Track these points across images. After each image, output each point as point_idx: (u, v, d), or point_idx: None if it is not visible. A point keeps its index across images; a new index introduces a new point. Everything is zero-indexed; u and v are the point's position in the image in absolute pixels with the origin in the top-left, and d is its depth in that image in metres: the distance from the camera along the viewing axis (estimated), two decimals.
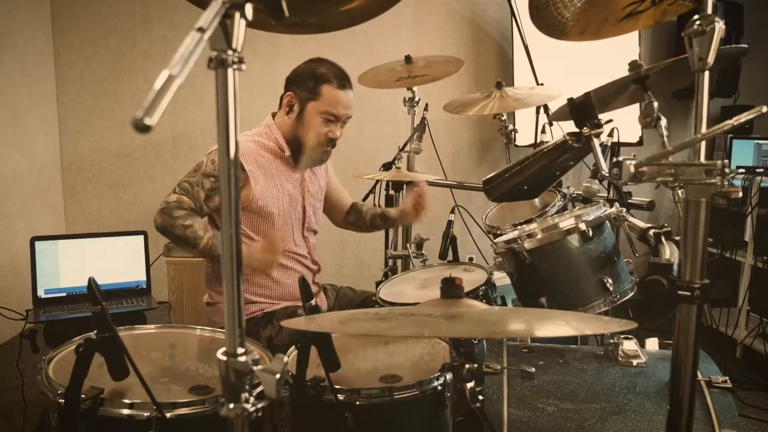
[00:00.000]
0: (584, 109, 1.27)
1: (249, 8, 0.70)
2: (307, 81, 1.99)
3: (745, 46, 1.51)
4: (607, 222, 1.57)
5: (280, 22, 0.80)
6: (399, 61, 2.60)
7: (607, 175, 1.01)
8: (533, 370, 1.38)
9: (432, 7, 4.06)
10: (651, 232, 1.30)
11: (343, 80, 1.99)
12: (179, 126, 3.91)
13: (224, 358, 0.76)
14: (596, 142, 1.27)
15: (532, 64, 2.94)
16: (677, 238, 1.20)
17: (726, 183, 0.89)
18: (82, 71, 3.82)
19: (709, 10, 0.94)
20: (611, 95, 1.59)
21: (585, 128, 1.27)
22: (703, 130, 0.95)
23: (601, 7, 1.28)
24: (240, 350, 0.76)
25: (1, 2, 3.27)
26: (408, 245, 2.49)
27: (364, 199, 2.70)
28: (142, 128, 0.57)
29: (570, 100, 1.30)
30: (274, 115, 2.09)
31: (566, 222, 1.55)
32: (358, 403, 1.26)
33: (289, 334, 1.87)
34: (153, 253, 2.61)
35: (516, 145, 3.15)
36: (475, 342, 1.61)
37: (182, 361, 1.38)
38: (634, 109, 1.60)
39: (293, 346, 1.41)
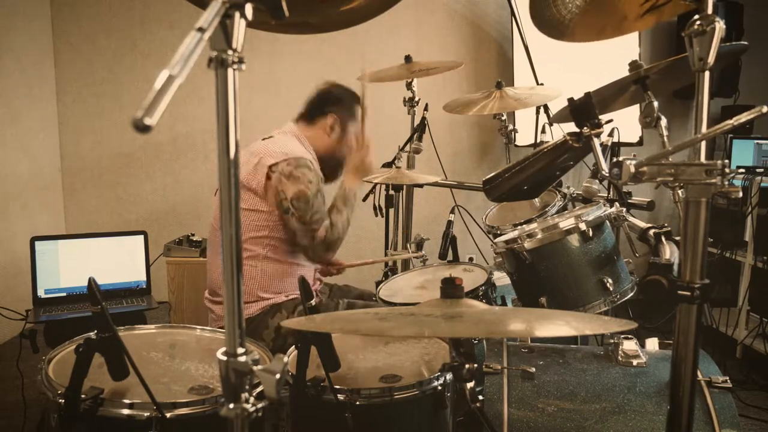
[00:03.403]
0: (584, 109, 1.27)
1: (249, 8, 0.70)
2: (348, 103, 2.10)
3: (745, 43, 1.51)
4: (607, 222, 1.57)
5: (280, 22, 0.80)
6: (399, 61, 2.61)
7: (607, 175, 1.01)
8: (533, 370, 1.38)
9: (432, 7, 4.06)
10: (651, 232, 1.30)
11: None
12: (179, 126, 3.91)
13: (224, 358, 0.76)
14: (596, 142, 1.27)
15: (532, 64, 2.94)
16: (677, 238, 1.20)
17: (726, 183, 0.89)
18: (82, 71, 3.82)
19: (710, 10, 0.94)
20: (612, 96, 1.60)
21: (585, 128, 1.26)
22: (703, 130, 0.95)
23: (601, 7, 1.28)
24: (240, 350, 0.76)
25: (1, 2, 3.27)
26: (408, 245, 2.49)
27: (365, 200, 2.70)
28: (142, 128, 0.57)
29: (570, 100, 1.30)
30: (298, 125, 2.11)
31: (566, 222, 1.55)
32: (358, 403, 1.26)
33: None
34: (153, 253, 2.60)
35: (516, 145, 3.15)
36: (475, 342, 1.62)
37: (182, 361, 1.38)
38: (634, 109, 1.61)
39: (293, 346, 1.42)
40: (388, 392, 1.28)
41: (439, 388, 1.32)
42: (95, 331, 1.08)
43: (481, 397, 1.08)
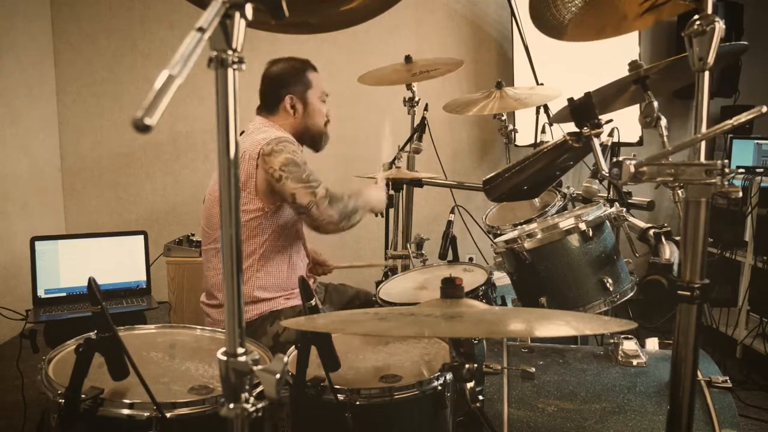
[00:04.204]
0: (584, 109, 1.27)
1: (249, 8, 0.70)
2: (295, 77, 2.09)
3: (745, 43, 1.51)
4: (607, 222, 1.57)
5: (280, 22, 0.80)
6: (399, 62, 2.61)
7: (607, 175, 1.02)
8: (533, 370, 1.38)
9: (432, 7, 4.06)
10: (651, 232, 1.30)
11: (312, 63, 2.16)
12: (179, 126, 3.91)
13: (224, 358, 0.76)
14: (596, 142, 1.27)
15: (532, 64, 2.94)
16: (677, 238, 1.20)
17: (726, 183, 0.89)
18: (82, 71, 3.82)
19: (710, 10, 0.94)
20: (612, 96, 1.60)
21: (585, 128, 1.27)
22: (703, 130, 0.95)
23: (601, 7, 1.29)
24: (240, 350, 0.76)
25: (1, 2, 3.27)
26: (408, 245, 2.49)
27: None
28: (142, 128, 0.57)
29: (570, 100, 1.30)
30: (264, 117, 2.10)
31: (566, 222, 1.55)
32: (358, 403, 1.26)
33: (296, 330, 1.88)
34: (153, 253, 2.60)
35: (516, 145, 3.15)
36: (475, 342, 1.62)
37: (182, 361, 1.38)
38: (634, 109, 1.61)
39: (293, 346, 1.42)
40: (388, 392, 1.28)
41: (439, 388, 1.32)
42: (95, 331, 1.08)
43: (481, 397, 1.08)
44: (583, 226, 1.51)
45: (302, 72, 2.10)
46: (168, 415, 1.12)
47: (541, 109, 2.78)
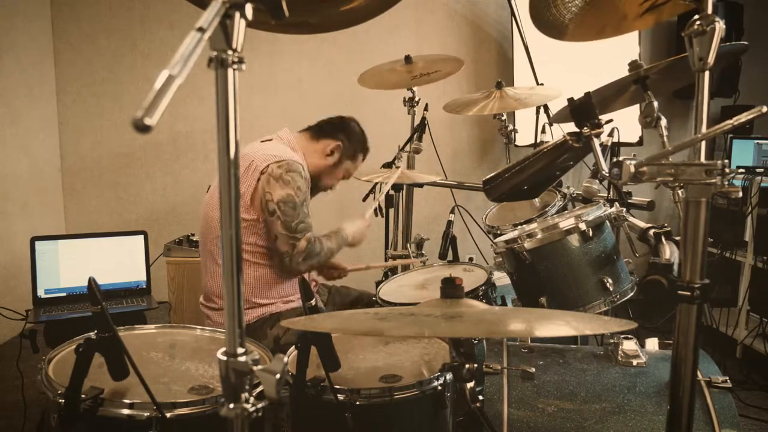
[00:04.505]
0: (584, 109, 1.27)
1: (249, 8, 0.70)
2: (356, 144, 2.15)
3: (746, 43, 1.51)
4: (607, 222, 1.57)
5: (280, 22, 0.80)
6: (399, 61, 2.61)
7: (607, 175, 1.01)
8: (533, 370, 1.38)
9: (432, 7, 4.06)
10: (651, 232, 1.30)
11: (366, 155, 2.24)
12: (179, 126, 3.91)
13: (224, 358, 0.76)
14: (596, 142, 1.27)
15: (532, 64, 2.94)
16: (677, 238, 1.20)
17: (726, 183, 0.89)
18: (82, 71, 3.82)
19: (710, 10, 0.94)
20: (612, 96, 1.60)
21: (585, 128, 1.27)
22: (703, 130, 0.95)
23: (601, 7, 1.29)
24: (240, 350, 0.76)
25: (1, 2, 3.27)
26: (408, 245, 2.49)
27: (365, 199, 2.70)
28: (142, 128, 0.57)
29: (570, 100, 1.30)
30: (302, 135, 2.12)
31: (566, 222, 1.55)
32: (358, 403, 1.26)
33: (296, 333, 1.87)
34: (153, 253, 2.60)
35: (516, 145, 3.15)
36: (475, 342, 1.62)
37: (182, 361, 1.38)
38: (634, 109, 1.61)
39: (293, 346, 1.42)
40: (388, 392, 1.28)
41: (439, 388, 1.32)
42: (95, 331, 1.08)
43: (481, 397, 1.08)
44: (583, 226, 1.51)
45: (360, 149, 2.18)
46: (168, 415, 1.12)
47: (541, 109, 2.78)
